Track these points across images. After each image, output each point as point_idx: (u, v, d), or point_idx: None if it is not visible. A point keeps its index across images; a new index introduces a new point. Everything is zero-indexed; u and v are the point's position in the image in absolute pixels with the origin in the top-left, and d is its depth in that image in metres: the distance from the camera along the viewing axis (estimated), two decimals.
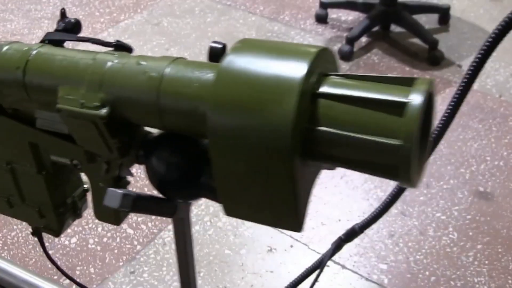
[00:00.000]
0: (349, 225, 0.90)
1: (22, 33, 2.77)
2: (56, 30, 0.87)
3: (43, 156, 0.80)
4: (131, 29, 2.75)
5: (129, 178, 0.78)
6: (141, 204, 0.72)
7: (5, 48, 0.72)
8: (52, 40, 0.83)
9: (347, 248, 1.75)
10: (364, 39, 2.60)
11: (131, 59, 0.66)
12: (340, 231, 0.90)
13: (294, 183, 0.54)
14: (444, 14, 2.68)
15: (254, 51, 0.58)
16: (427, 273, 1.72)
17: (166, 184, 0.71)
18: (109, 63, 0.66)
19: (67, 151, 0.77)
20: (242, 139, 0.55)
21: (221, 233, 1.83)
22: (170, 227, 1.87)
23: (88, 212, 0.86)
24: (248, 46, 0.59)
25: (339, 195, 1.95)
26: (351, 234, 1.08)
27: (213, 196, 0.70)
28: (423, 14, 2.67)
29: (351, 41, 2.47)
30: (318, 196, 1.93)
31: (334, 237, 0.93)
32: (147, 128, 0.72)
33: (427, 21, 2.72)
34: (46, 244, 0.96)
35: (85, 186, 0.91)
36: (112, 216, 0.83)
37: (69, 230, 1.83)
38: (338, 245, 1.09)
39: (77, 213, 0.89)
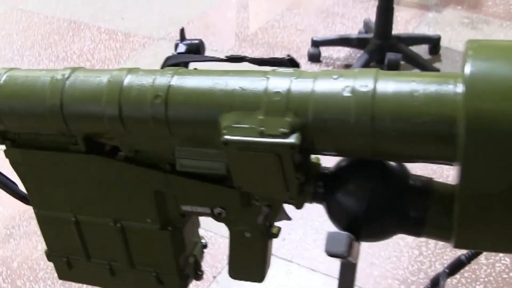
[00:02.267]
0: (400, 263, 0.81)
1: None
2: (178, 53, 0.76)
3: (170, 207, 0.67)
4: None
5: None
6: (353, 247, 0.60)
7: (127, 78, 0.59)
8: (174, 64, 0.71)
9: (406, 286, 1.65)
10: None
11: (320, 74, 0.55)
12: (393, 270, 0.81)
13: None
14: (435, 45, 2.70)
15: (493, 53, 0.49)
16: None
17: (363, 222, 0.59)
18: (294, 82, 0.54)
19: (213, 197, 0.64)
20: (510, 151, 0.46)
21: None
22: (219, 278, 1.71)
23: None
24: (481, 47, 0.50)
25: None
26: (457, 266, 0.99)
27: (417, 229, 0.59)
28: (415, 45, 2.67)
29: None
30: None
31: (388, 277, 0.83)
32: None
33: (418, 52, 2.73)
34: None
35: (203, 241, 0.78)
36: (255, 272, 0.71)
37: None
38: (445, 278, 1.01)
39: (197, 274, 0.76)
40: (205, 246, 0.78)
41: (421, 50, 2.74)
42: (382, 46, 2.53)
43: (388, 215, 0.58)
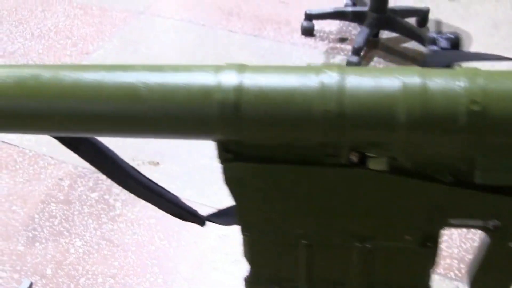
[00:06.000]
0: (452, 241, 0.82)
1: None
2: (442, 48, 0.70)
3: (436, 221, 0.61)
4: (110, 60, 2.42)
5: None
6: None
7: (427, 80, 0.52)
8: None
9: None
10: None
11: None
12: (448, 249, 0.81)
13: None
14: (423, 17, 2.71)
15: None
16: None
17: None
18: None
19: (495, 208, 0.58)
20: None
21: None
22: None
23: None
24: None
25: None
26: None
27: None
28: (407, 18, 2.67)
29: (358, 51, 2.39)
30: None
31: (445, 257, 0.82)
32: None
33: None
34: None
35: None
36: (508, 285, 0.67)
37: None
38: None
39: None
40: None
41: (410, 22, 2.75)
42: (379, 19, 2.51)
43: None
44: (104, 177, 1.89)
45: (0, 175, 1.91)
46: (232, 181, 0.59)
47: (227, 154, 0.57)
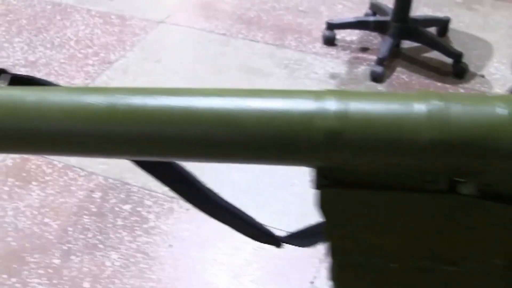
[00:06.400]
0: None
1: None
2: None
3: None
4: (133, 69, 2.40)
5: None
6: None
7: None
8: None
9: None
10: None
11: None
12: None
13: None
14: (444, 27, 2.71)
15: None
16: None
17: None
18: None
19: None
20: None
21: None
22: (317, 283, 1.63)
23: None
24: None
25: None
26: None
27: None
28: (428, 27, 2.67)
29: (382, 61, 2.39)
30: None
31: None
32: None
33: None
34: None
35: None
36: None
37: None
38: None
39: None
40: None
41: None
42: (402, 29, 2.51)
43: None
44: (135, 189, 1.88)
45: (30, 187, 1.89)
46: (328, 207, 0.58)
47: (324, 180, 0.57)
